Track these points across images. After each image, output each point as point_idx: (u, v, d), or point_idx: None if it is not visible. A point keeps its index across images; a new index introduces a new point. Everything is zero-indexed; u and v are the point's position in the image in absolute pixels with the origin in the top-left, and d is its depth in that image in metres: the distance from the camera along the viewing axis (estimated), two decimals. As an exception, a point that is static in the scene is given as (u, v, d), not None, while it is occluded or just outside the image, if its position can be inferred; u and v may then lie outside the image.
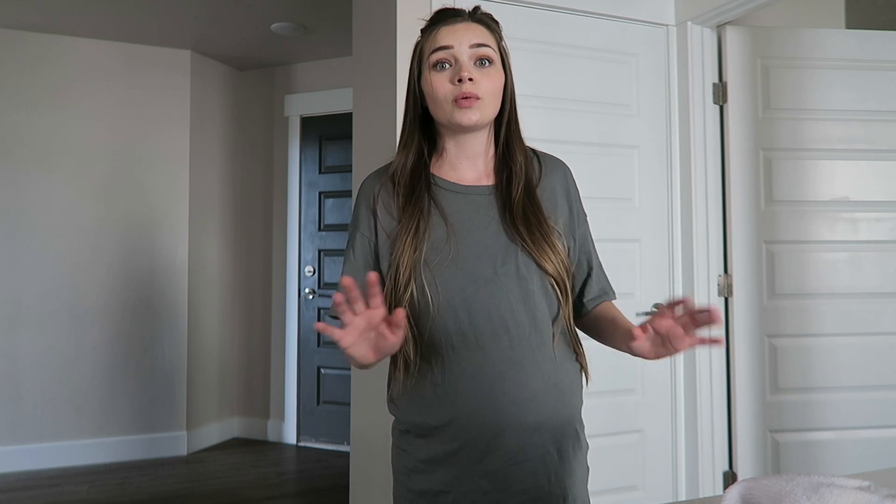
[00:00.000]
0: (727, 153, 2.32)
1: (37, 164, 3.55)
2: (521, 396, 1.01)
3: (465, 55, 1.04)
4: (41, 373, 3.51)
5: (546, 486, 1.03)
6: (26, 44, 3.54)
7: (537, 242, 1.03)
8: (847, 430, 2.29)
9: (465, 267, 1.02)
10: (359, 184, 2.49)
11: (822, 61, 2.36)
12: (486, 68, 1.05)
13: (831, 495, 0.69)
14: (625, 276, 2.29)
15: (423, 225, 1.04)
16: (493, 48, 1.07)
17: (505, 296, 1.02)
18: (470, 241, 1.04)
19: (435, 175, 1.10)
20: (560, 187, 1.13)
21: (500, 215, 1.06)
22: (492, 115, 1.07)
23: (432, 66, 1.05)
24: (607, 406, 2.22)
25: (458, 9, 1.09)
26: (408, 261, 1.01)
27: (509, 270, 1.03)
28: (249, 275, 4.20)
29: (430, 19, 1.11)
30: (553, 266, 1.04)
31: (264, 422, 4.10)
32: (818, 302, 2.31)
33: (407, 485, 1.08)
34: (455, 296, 1.02)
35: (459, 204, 1.07)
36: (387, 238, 1.07)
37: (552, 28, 2.22)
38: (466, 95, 1.01)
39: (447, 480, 1.03)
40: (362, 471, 2.35)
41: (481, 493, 1.02)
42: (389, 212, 1.08)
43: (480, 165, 1.11)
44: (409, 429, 1.08)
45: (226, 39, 3.68)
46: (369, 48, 2.38)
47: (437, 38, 1.06)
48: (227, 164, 4.12)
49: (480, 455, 1.01)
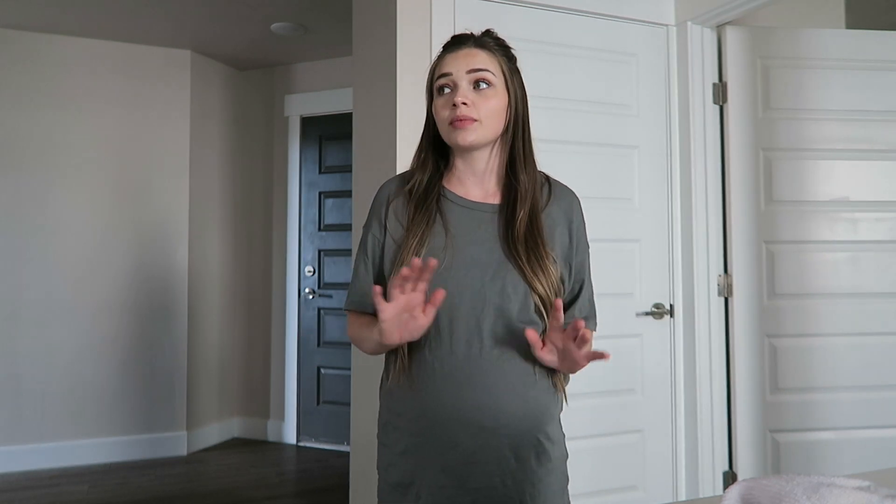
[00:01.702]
0: (727, 153, 2.32)
1: (37, 164, 3.54)
2: (483, 400, 1.08)
3: (463, 80, 1.12)
4: (41, 373, 3.50)
5: (501, 489, 1.09)
6: (26, 44, 3.54)
7: (532, 264, 1.09)
8: (847, 430, 2.29)
9: (455, 276, 1.09)
10: (359, 184, 2.50)
11: (822, 61, 2.35)
12: (484, 90, 1.12)
13: (831, 495, 0.69)
14: (625, 276, 2.29)
15: (427, 232, 1.11)
16: (493, 71, 1.13)
17: (487, 308, 1.08)
18: (465, 254, 1.11)
19: (445, 188, 1.18)
20: (564, 216, 1.19)
21: (499, 233, 1.13)
22: (491, 134, 1.14)
23: (436, 91, 1.15)
24: (607, 406, 2.22)
25: (464, 35, 1.17)
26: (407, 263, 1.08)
27: (496, 286, 1.09)
28: (249, 275, 4.20)
29: (443, 46, 1.19)
30: (543, 288, 1.09)
31: (264, 422, 4.10)
32: (818, 302, 2.31)
33: (385, 478, 1.17)
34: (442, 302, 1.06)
35: (463, 217, 1.15)
36: (392, 242, 1.15)
37: (552, 28, 2.22)
38: (460, 118, 1.10)
39: (413, 471, 1.12)
40: (362, 471, 2.35)
41: (439, 486, 1.09)
42: (399, 219, 1.16)
43: (487, 183, 1.18)
44: (389, 419, 1.17)
45: (226, 39, 3.68)
46: (369, 48, 2.38)
47: (441, 66, 1.15)
48: (227, 164, 4.12)
49: (441, 450, 1.09)
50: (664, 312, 2.33)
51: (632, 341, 2.29)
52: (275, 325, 4.11)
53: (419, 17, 2.08)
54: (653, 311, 2.32)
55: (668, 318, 2.34)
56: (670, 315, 2.34)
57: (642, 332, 2.31)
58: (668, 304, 2.34)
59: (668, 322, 2.34)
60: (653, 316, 2.32)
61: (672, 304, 2.34)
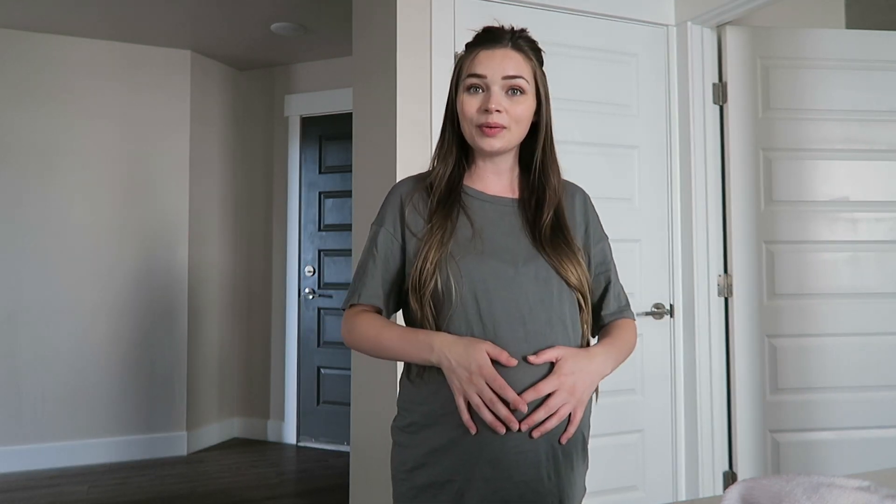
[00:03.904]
0: (727, 153, 2.32)
1: (36, 164, 3.54)
2: (531, 383, 1.02)
3: (497, 85, 1.10)
4: (41, 373, 3.50)
5: (546, 481, 1.05)
6: (26, 44, 3.53)
7: (561, 258, 1.10)
8: (847, 430, 2.29)
9: (488, 262, 1.08)
10: (359, 184, 2.50)
11: (822, 61, 2.35)
12: (517, 97, 1.11)
13: (831, 495, 0.69)
14: (625, 276, 2.26)
15: (451, 226, 1.10)
16: (527, 78, 1.12)
17: (524, 293, 1.07)
18: (494, 242, 1.11)
19: (464, 184, 1.17)
20: (579, 209, 1.21)
21: (522, 226, 1.14)
22: (517, 140, 1.15)
23: (466, 89, 1.12)
24: (607, 406, 2.20)
25: (500, 31, 1.14)
26: (434, 255, 1.07)
27: (529, 272, 1.09)
28: (249, 275, 4.20)
29: (474, 37, 1.16)
30: (576, 278, 1.11)
31: (264, 422, 4.10)
32: (818, 302, 2.31)
33: (409, 482, 1.10)
34: (477, 286, 1.07)
35: (485, 210, 1.15)
36: (412, 236, 1.13)
37: (552, 28, 2.22)
38: (492, 125, 1.09)
39: (452, 468, 1.05)
40: (362, 471, 2.35)
41: (483, 479, 1.04)
42: (420, 213, 1.14)
43: (506, 180, 1.19)
44: (414, 420, 1.11)
45: (226, 39, 3.68)
46: (369, 48, 2.38)
47: (474, 64, 1.12)
48: (227, 164, 4.12)
49: (489, 440, 1.03)
50: (664, 312, 2.33)
51: (632, 341, 2.29)
52: (275, 326, 4.11)
53: (419, 17, 2.08)
54: (653, 311, 2.32)
55: (668, 318, 2.34)
56: (670, 315, 2.34)
57: (642, 332, 2.31)
58: (669, 304, 2.34)
59: (668, 322, 2.34)
60: (653, 316, 2.32)
61: (672, 304, 2.34)
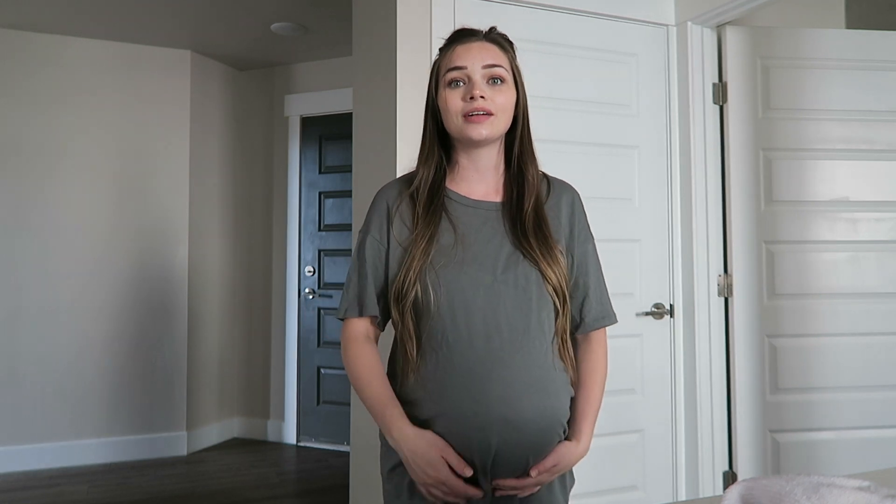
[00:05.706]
0: (727, 153, 2.32)
1: (36, 164, 3.54)
2: (506, 394, 1.05)
3: (478, 74, 1.12)
4: (41, 373, 3.50)
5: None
6: (26, 44, 3.53)
7: (543, 253, 1.11)
8: (847, 430, 2.29)
9: (468, 272, 1.10)
10: (359, 184, 2.50)
11: (822, 61, 2.35)
12: (498, 86, 1.13)
13: (831, 495, 0.69)
14: (625, 276, 2.29)
15: (435, 233, 1.11)
16: (506, 68, 1.14)
17: (501, 301, 1.09)
18: (474, 250, 1.12)
19: (448, 188, 1.18)
20: (565, 208, 1.20)
21: (506, 228, 1.14)
22: (502, 130, 1.15)
23: (447, 84, 1.13)
24: (607, 406, 2.19)
25: (474, 29, 1.17)
26: (416, 264, 1.09)
27: (508, 279, 1.10)
28: (249, 275, 4.20)
29: (447, 39, 1.18)
30: (555, 277, 1.11)
31: (264, 422, 4.10)
32: (818, 302, 2.31)
33: (396, 481, 1.13)
34: (455, 297, 1.08)
35: (468, 216, 1.15)
36: (398, 245, 1.14)
37: (552, 28, 2.22)
38: (478, 110, 1.10)
39: None
40: (362, 471, 2.35)
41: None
42: (405, 221, 1.16)
43: (490, 180, 1.19)
44: None
45: (226, 39, 3.68)
46: (369, 48, 2.38)
47: (452, 58, 1.14)
48: (227, 164, 4.12)
49: (464, 446, 1.05)
50: (664, 312, 2.33)
51: (632, 341, 2.29)
52: (275, 325, 4.11)
53: (419, 18, 2.08)
54: (653, 311, 2.32)
55: (668, 318, 2.34)
56: (670, 315, 2.34)
57: (642, 332, 2.31)
58: (668, 304, 2.34)
59: (668, 322, 2.34)
60: (653, 316, 2.32)
61: (672, 304, 2.34)
